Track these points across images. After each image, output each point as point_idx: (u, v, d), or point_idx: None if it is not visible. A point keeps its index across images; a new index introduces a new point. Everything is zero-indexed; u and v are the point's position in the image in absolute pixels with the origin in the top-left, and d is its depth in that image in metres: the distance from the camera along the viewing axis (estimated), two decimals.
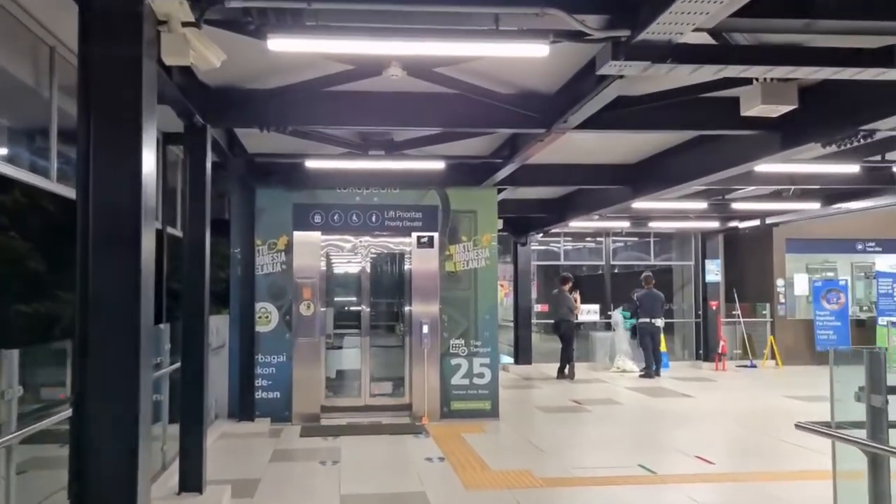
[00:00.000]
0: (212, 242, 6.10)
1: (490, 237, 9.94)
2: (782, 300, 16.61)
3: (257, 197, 9.53)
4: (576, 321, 14.75)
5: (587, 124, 6.29)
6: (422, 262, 9.84)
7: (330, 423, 9.45)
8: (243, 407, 9.29)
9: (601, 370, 15.20)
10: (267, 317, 9.48)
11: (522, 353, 15.80)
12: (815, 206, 12.08)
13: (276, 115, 6.14)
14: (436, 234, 9.81)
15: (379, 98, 6.34)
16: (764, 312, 16.58)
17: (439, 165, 8.27)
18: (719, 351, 15.68)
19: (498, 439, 8.79)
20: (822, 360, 16.23)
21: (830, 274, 18.14)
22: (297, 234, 9.59)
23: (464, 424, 9.42)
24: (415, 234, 9.81)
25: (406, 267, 10.05)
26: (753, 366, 15.95)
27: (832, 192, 11.87)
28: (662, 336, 15.68)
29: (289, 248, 9.56)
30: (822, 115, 6.05)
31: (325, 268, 9.88)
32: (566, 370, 14.17)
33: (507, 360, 16.42)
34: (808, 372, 15.33)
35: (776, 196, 12.17)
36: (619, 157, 9.53)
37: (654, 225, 15.10)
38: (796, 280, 17.05)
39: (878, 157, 8.54)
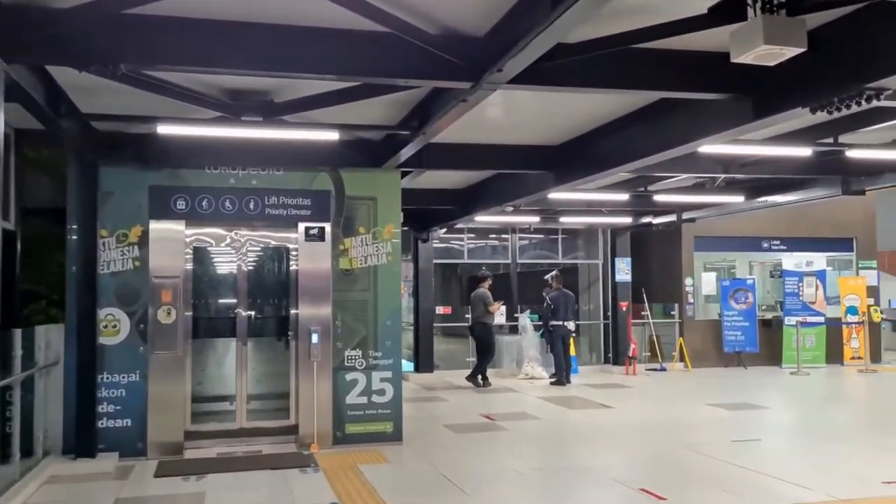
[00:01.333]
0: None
1: (393, 229, 8.34)
2: (691, 300, 15.81)
3: (102, 177, 7.52)
4: (492, 323, 13.43)
5: (525, 78, 4.80)
6: (311, 257, 8.12)
7: (196, 456, 7.58)
8: (82, 440, 7.27)
9: (508, 377, 13.85)
10: (114, 326, 7.51)
11: (424, 361, 14.27)
12: (738, 199, 11.14)
13: (98, 48, 4.32)
14: (328, 225, 8.12)
15: (249, 32, 4.63)
16: (672, 313, 15.73)
17: (332, 137, 6.57)
18: (630, 354, 14.66)
19: (403, 472, 7.18)
20: (730, 361, 15.54)
21: (734, 272, 17.58)
22: (155, 225, 7.65)
23: (361, 452, 7.77)
24: (302, 225, 8.08)
25: (292, 264, 8.31)
26: (663, 369, 15.04)
27: (757, 185, 10.96)
28: (571, 339, 14.54)
29: (143, 242, 7.61)
30: (814, 71, 4.80)
31: (190, 266, 8.00)
32: (479, 377, 12.87)
33: (406, 367, 14.87)
34: (718, 375, 14.54)
35: (699, 188, 11.15)
36: (541, 135, 8.14)
37: (566, 220, 13.91)
38: (704, 279, 16.32)
39: (831, 140, 7.53)
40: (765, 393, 12.24)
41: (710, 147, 7.02)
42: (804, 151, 7.38)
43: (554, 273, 13.63)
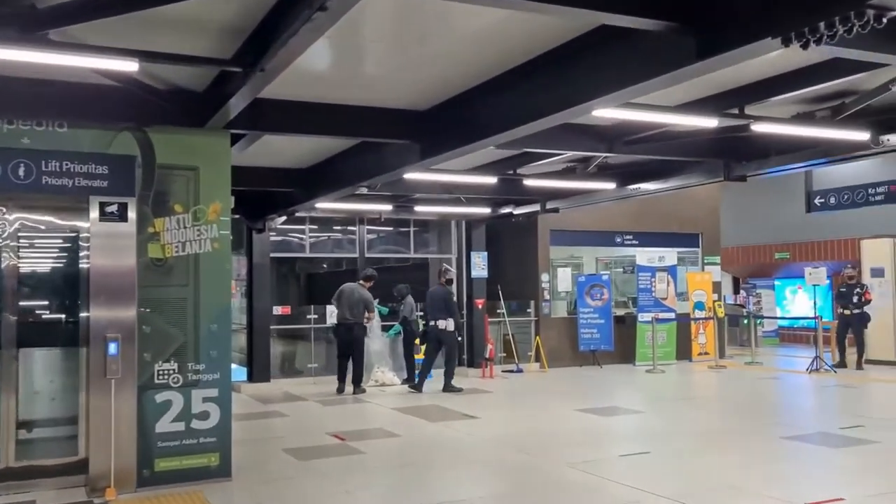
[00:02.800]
0: None
1: (220, 208, 6.48)
2: (547, 297, 14.90)
3: None
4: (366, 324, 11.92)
5: None
6: (108, 243, 6.09)
7: None
8: None
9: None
10: None
11: (259, 369, 12.30)
12: (610, 185, 10.18)
13: None
14: (131, 201, 6.13)
15: None
16: (529, 311, 14.75)
17: (128, 67, 4.65)
18: (487, 356, 13.48)
19: None
20: (585, 360, 14.79)
21: (581, 268, 16.96)
22: None
23: (176, 495, 5.88)
24: (96, 200, 6.05)
25: (82, 252, 6.24)
26: (520, 370, 13.98)
27: (630, 171, 10.04)
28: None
29: None
30: None
31: None
32: (359, 382, 11.63)
33: (238, 376, 12.89)
34: (575, 375, 13.69)
35: (569, 174, 10.07)
36: (406, 95, 6.58)
37: (422, 209, 12.48)
38: (560, 275, 15.49)
39: (736, 110, 6.55)
40: (630, 395, 11.42)
41: (606, 111, 5.77)
42: (710, 122, 6.36)
43: (444, 266, 12.22)
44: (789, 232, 18.80)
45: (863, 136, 7.02)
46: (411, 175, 8.97)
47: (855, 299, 14.15)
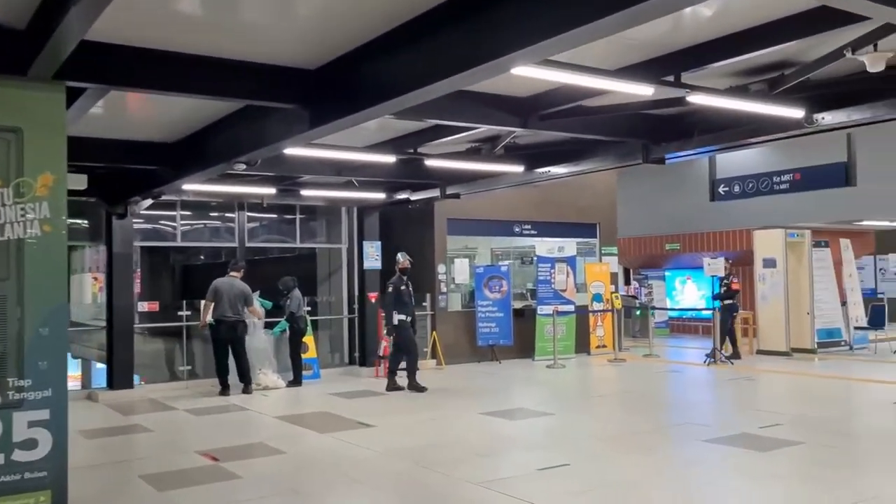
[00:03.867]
0: None
1: (53, 181, 5.08)
2: (443, 289, 13.97)
3: None
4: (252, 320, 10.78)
5: None
6: None
7: None
8: None
9: (235, 391, 10.79)
10: None
11: (121, 373, 10.68)
12: (517, 168, 9.30)
13: None
14: None
15: None
16: (424, 304, 13.76)
17: None
18: (381, 353, 12.38)
19: None
20: (483, 356, 13.96)
21: (486, 260, 16.16)
22: None
23: None
24: None
25: None
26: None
27: (540, 152, 9.20)
28: (311, 338, 11.97)
29: None
30: None
31: None
32: (249, 381, 10.61)
33: (98, 382, 11.27)
34: (474, 372, 12.84)
35: (474, 154, 9.12)
36: (292, 49, 5.41)
37: (309, 194, 11.22)
38: (457, 266, 14.58)
39: (671, 78, 5.75)
40: (535, 393, 10.63)
41: (528, 70, 4.81)
42: (645, 90, 5.52)
43: (401, 255, 11.02)
44: (681, 223, 18.72)
45: (797, 113, 6.41)
46: (299, 151, 7.78)
47: (722, 290, 14.10)
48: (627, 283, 20.78)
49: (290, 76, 5.77)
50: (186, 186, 9.24)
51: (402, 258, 10.86)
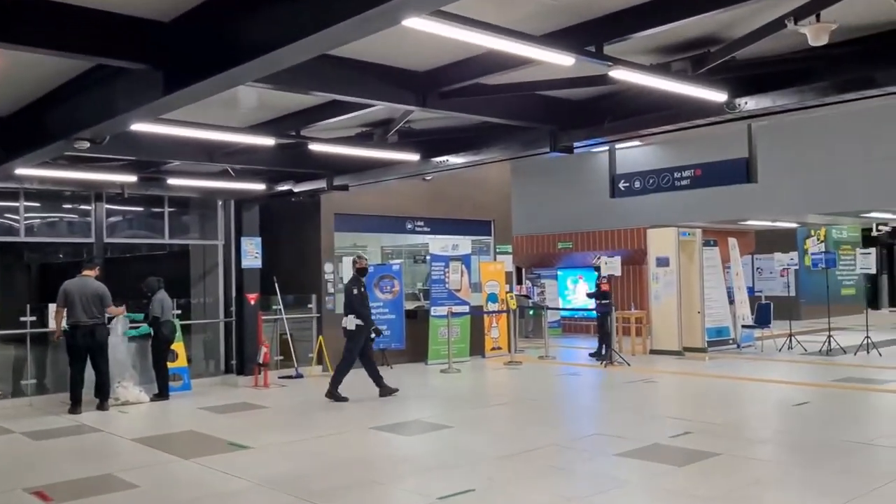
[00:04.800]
0: None
1: None
2: (331, 290, 12.90)
3: None
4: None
5: None
6: None
7: None
8: None
9: (91, 407, 9.31)
10: None
11: None
12: (413, 157, 8.41)
13: None
14: None
15: None
16: (310, 306, 12.65)
17: None
18: (261, 360, 11.18)
19: None
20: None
21: (377, 259, 15.20)
22: None
23: None
24: None
25: None
26: (300, 375, 11.87)
27: (439, 138, 8.35)
28: (181, 345, 10.65)
29: None
30: None
31: None
32: (107, 395, 9.27)
33: None
34: (364, 378, 11.83)
35: (365, 140, 8.15)
36: None
37: (177, 183, 9.90)
38: (346, 265, 13.52)
39: (593, 48, 5.01)
40: (430, 402, 9.77)
41: (421, 23, 3.95)
42: (566, 60, 4.75)
43: (360, 255, 10.16)
44: (576, 221, 18.45)
45: (719, 96, 5.84)
46: (162, 129, 6.59)
47: (596, 290, 13.93)
48: (520, 282, 20.34)
49: (139, 29, 4.65)
50: (22, 171, 7.79)
51: (361, 258, 10.08)
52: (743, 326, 15.02)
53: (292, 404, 9.75)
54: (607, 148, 9.97)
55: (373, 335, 9.94)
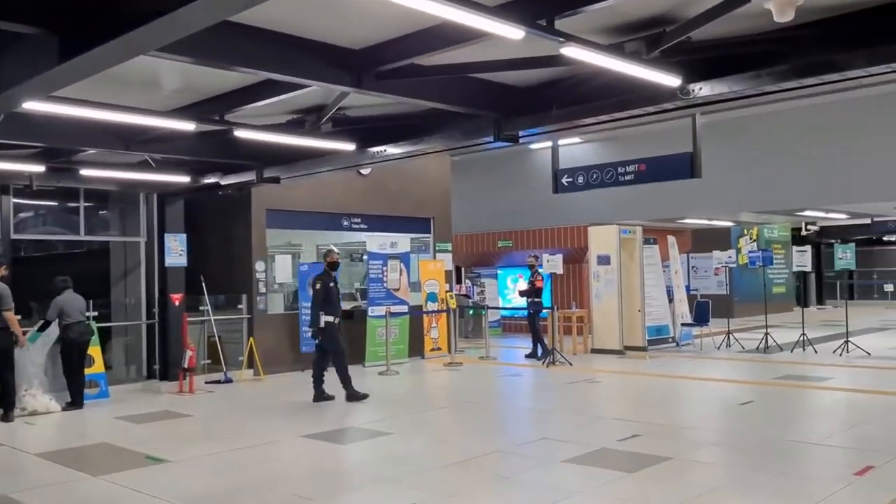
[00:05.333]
0: None
1: None
2: (262, 290, 12.22)
3: None
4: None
5: None
6: None
7: None
8: None
9: None
10: None
11: None
12: (349, 146, 7.86)
13: None
14: None
15: None
16: (240, 307, 11.95)
17: None
18: (186, 365, 10.44)
19: None
20: (308, 363, 12.31)
21: (312, 257, 14.55)
22: None
23: None
24: None
25: None
26: (229, 380, 11.16)
27: (373, 128, 7.84)
28: (98, 349, 9.84)
29: None
30: None
31: None
32: (11, 406, 8.39)
33: None
34: (298, 382, 11.23)
35: (297, 127, 7.56)
36: None
37: (91, 174, 9.11)
38: (279, 263, 12.87)
39: (544, 22, 4.58)
40: (367, 407, 9.18)
41: None
42: (515, 33, 4.30)
43: (331, 248, 9.68)
44: (516, 219, 18.16)
45: (673, 81, 5.51)
46: (69, 109, 5.89)
47: (529, 287, 13.69)
48: (459, 281, 19.94)
49: None
50: None
51: (333, 252, 9.63)
52: (682, 325, 14.94)
53: (219, 412, 9.08)
54: (551, 144, 9.66)
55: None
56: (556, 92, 6.46)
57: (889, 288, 21.06)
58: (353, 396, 9.20)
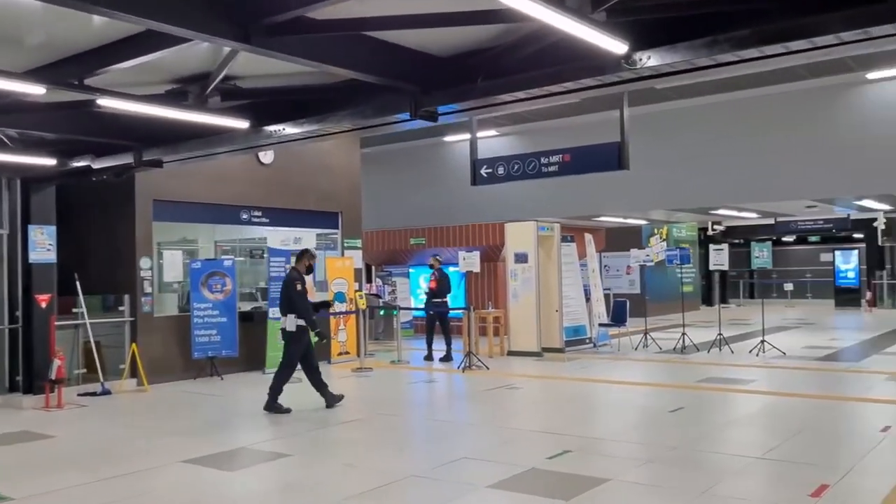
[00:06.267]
0: None
1: None
2: (148, 289, 10.85)
3: None
4: None
5: None
6: None
7: None
8: None
9: None
10: None
11: None
12: (242, 124, 6.73)
13: None
14: None
15: None
16: (122, 308, 10.55)
17: None
18: (53, 376, 8.98)
19: None
20: (201, 370, 11.10)
21: (208, 253, 13.24)
22: None
23: None
24: None
25: None
26: (107, 392, 9.78)
27: (270, 103, 6.74)
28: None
29: None
30: None
31: None
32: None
33: None
34: (189, 393, 10.00)
35: (178, 100, 6.37)
36: None
37: None
38: (168, 260, 11.52)
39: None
40: (264, 422, 8.05)
41: None
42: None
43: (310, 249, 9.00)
44: (431, 215, 17.28)
45: (619, 47, 4.70)
46: None
47: (430, 287, 13.09)
48: (369, 280, 18.89)
49: None
50: None
51: (312, 252, 8.99)
52: (600, 325, 14.42)
53: (87, 431, 7.76)
54: (469, 136, 8.82)
55: (317, 338, 8.79)
56: (483, 62, 5.57)
57: (789, 287, 21.34)
58: (273, 407, 8.29)
